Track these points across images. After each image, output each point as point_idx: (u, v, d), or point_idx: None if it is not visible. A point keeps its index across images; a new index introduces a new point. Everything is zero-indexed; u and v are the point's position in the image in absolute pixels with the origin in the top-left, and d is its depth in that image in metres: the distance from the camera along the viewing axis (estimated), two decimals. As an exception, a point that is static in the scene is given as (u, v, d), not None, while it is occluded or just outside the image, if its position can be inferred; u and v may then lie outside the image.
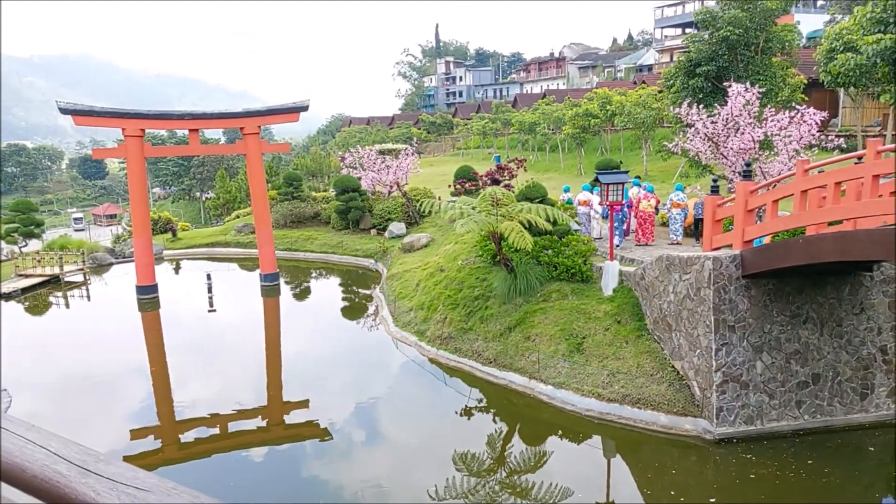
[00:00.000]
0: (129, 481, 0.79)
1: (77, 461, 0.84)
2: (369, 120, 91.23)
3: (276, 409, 14.98)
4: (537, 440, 12.88)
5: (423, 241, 25.99)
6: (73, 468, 0.83)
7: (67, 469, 0.83)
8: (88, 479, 0.80)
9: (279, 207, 33.25)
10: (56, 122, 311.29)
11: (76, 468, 0.83)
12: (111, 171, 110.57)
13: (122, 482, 0.79)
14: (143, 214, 23.94)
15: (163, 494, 0.76)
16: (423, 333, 17.66)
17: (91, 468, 0.83)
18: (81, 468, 0.83)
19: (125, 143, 23.24)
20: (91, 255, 31.57)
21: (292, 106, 24.63)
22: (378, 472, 11.85)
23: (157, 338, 20.59)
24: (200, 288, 25.43)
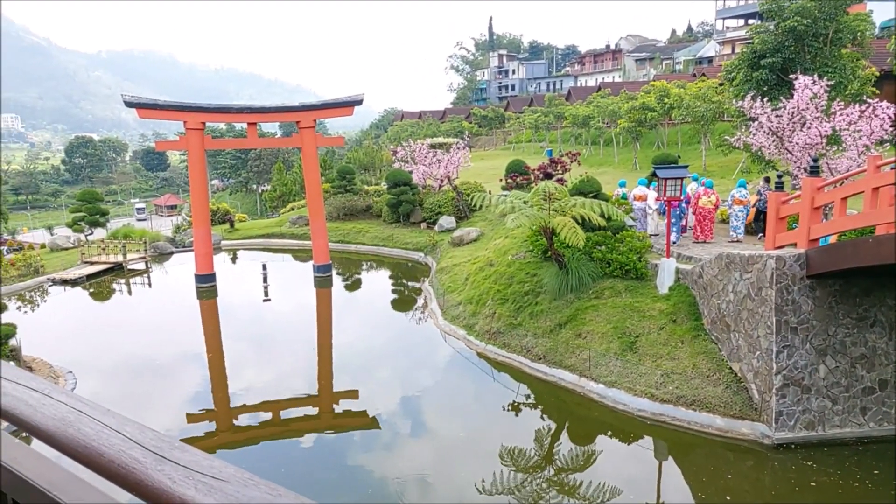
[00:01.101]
0: (204, 469, 0.78)
1: (152, 447, 0.84)
2: (421, 114, 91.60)
3: (327, 398, 15.22)
4: (586, 439, 12.70)
5: (472, 235, 25.93)
6: (149, 454, 0.82)
7: (143, 455, 0.82)
8: (164, 466, 0.80)
9: (332, 200, 33.75)
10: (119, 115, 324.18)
11: (151, 454, 0.82)
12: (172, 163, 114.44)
13: (197, 470, 0.78)
14: (203, 205, 24.66)
15: (240, 485, 0.74)
16: (472, 328, 17.64)
17: (166, 455, 0.82)
18: (157, 454, 0.82)
19: (187, 135, 23.98)
20: (153, 244, 32.77)
21: (347, 100, 24.92)
22: (423, 464, 11.91)
23: (214, 325, 21.23)
24: (256, 277, 26.06)
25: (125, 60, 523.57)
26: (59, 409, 0.96)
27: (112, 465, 0.82)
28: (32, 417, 0.96)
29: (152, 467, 0.80)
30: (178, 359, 18.10)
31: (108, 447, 0.85)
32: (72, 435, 0.89)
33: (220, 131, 79.74)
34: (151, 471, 0.79)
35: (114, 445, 0.85)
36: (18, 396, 1.02)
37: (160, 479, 0.78)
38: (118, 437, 0.87)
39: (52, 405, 0.98)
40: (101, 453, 0.85)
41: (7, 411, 1.00)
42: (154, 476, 0.79)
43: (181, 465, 0.80)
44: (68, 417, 0.94)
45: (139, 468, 0.80)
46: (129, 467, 0.81)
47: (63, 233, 40.93)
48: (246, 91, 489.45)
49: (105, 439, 0.87)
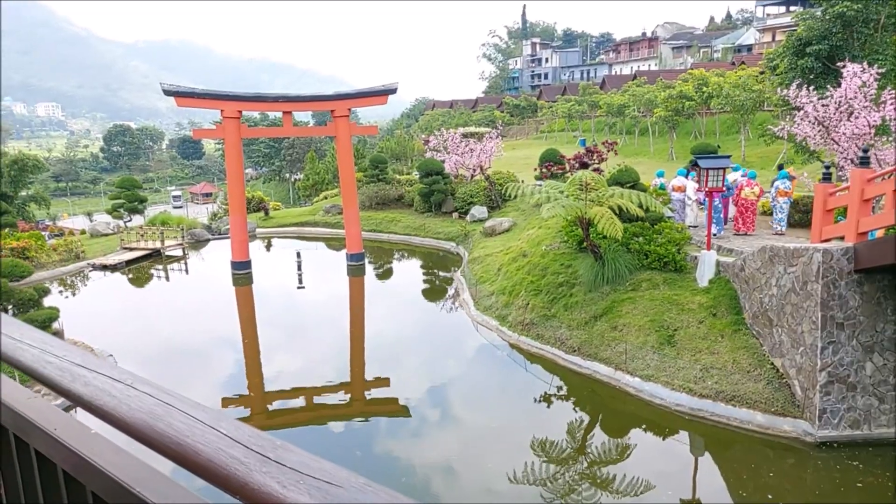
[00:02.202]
0: (315, 473, 0.71)
1: (254, 446, 0.77)
2: (452, 103, 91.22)
3: (358, 385, 15.31)
4: (620, 432, 12.53)
5: (505, 225, 25.75)
6: (251, 454, 0.76)
7: (245, 455, 0.75)
8: (269, 467, 0.73)
9: (365, 189, 33.84)
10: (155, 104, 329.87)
11: (254, 454, 0.76)
12: (207, 152, 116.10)
13: (308, 474, 0.72)
14: (238, 193, 24.94)
15: (356, 492, 0.67)
16: (505, 318, 17.53)
17: (270, 455, 0.75)
18: (260, 454, 0.75)
19: (223, 124, 24.23)
20: (189, 231, 33.31)
21: (381, 89, 24.88)
22: (451, 452, 11.91)
23: (250, 311, 21.51)
24: (290, 265, 26.30)
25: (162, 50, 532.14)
26: (145, 401, 0.91)
27: (211, 465, 0.76)
28: (118, 410, 0.91)
29: (256, 469, 0.73)
30: (213, 343, 18.40)
31: (204, 445, 0.79)
32: (162, 430, 0.84)
33: (255, 120, 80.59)
34: (256, 473, 0.73)
35: (210, 443, 0.79)
36: (101, 387, 0.97)
37: (267, 483, 0.71)
38: (214, 433, 0.81)
39: (138, 397, 0.92)
40: (197, 451, 0.78)
41: (91, 403, 0.95)
42: (259, 479, 0.72)
43: (288, 466, 0.73)
44: (156, 411, 0.88)
45: (242, 470, 0.74)
46: (231, 468, 0.74)
47: (102, 219, 41.85)
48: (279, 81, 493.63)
49: (200, 436, 0.81)
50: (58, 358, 1.08)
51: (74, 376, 1.01)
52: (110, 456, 1.04)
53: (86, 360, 1.07)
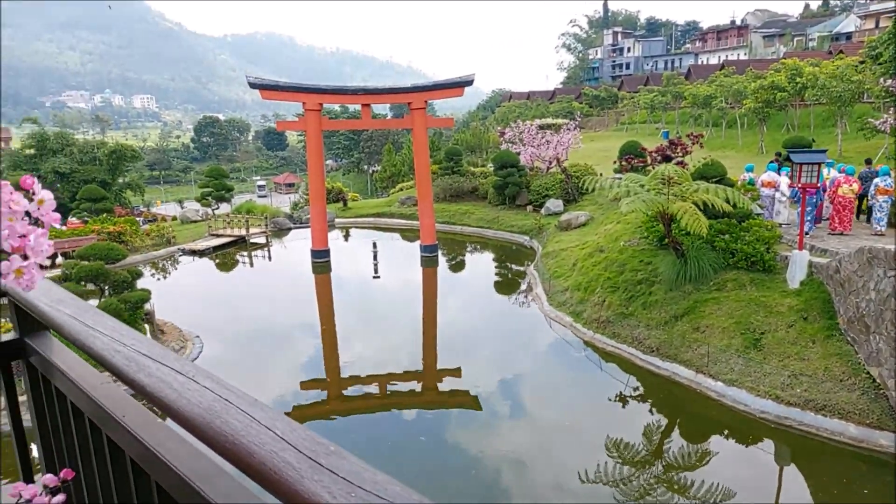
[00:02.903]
0: (367, 485, 0.67)
1: (306, 451, 0.74)
2: (529, 94, 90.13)
3: (430, 375, 15.43)
4: (700, 437, 12.05)
5: (581, 219, 25.23)
6: (304, 460, 0.72)
7: (297, 460, 0.72)
8: (321, 476, 0.69)
9: (439, 181, 34.00)
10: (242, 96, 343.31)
11: (307, 460, 0.72)
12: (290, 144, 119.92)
13: (359, 485, 0.67)
14: (319, 184, 25.61)
15: (408, 509, 0.62)
16: (579, 315, 17.19)
17: (323, 461, 0.71)
18: (312, 460, 0.72)
19: (305, 116, 24.91)
20: (272, 219, 34.54)
21: (458, 80, 24.85)
22: (521, 447, 11.80)
23: (328, 299, 22.10)
24: (367, 255, 26.81)
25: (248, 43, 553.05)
26: (205, 395, 0.89)
27: (264, 468, 0.73)
28: (177, 403, 0.89)
29: (308, 476, 0.69)
30: (293, 328, 19.04)
31: (258, 446, 0.76)
32: (219, 427, 0.81)
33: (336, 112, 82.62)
34: (307, 480, 0.69)
35: (265, 445, 0.76)
36: (163, 379, 0.96)
37: (317, 492, 0.67)
38: (269, 434, 0.78)
39: (198, 391, 0.91)
40: (251, 452, 0.75)
41: (153, 394, 0.95)
42: (310, 487, 0.68)
43: (340, 475, 0.69)
44: (215, 407, 0.86)
45: (293, 476, 0.70)
46: (283, 473, 0.71)
47: (192, 206, 44.07)
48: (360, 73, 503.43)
49: (255, 436, 0.78)
50: (126, 347, 1.09)
51: (140, 366, 1.02)
52: (174, 448, 1.04)
53: (152, 350, 1.08)
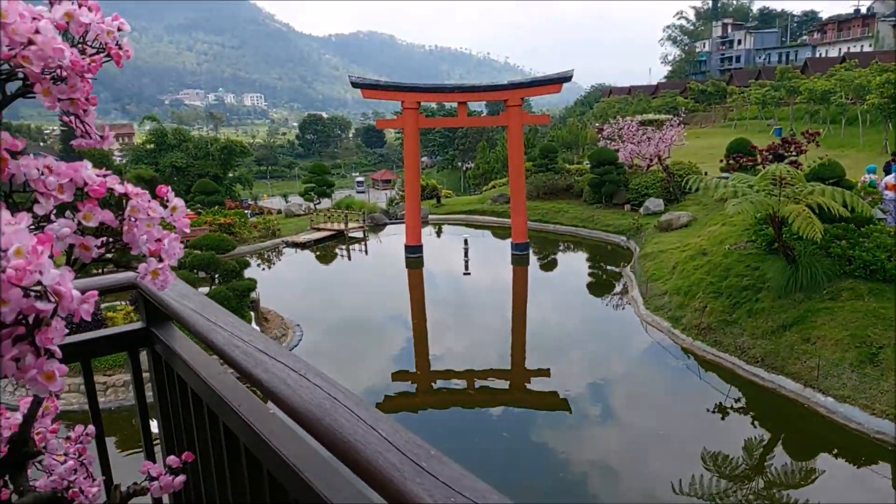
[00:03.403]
0: (466, 491, 0.70)
1: (409, 453, 0.77)
2: (630, 89, 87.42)
3: (519, 373, 15.38)
4: (806, 455, 11.29)
5: (683, 219, 24.24)
6: (407, 462, 0.76)
7: (401, 462, 0.76)
8: (423, 479, 0.72)
9: (533, 179, 33.69)
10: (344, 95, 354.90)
11: (410, 462, 0.76)
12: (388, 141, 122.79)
13: (459, 491, 0.70)
14: (414, 181, 26.11)
15: (507, 520, 0.64)
16: (678, 320, 16.54)
17: (424, 465, 0.75)
18: (415, 464, 0.75)
19: (403, 114, 25.43)
20: (369, 215, 35.55)
21: (555, 77, 24.52)
22: (610, 453, 11.53)
23: (420, 293, 22.51)
24: (458, 251, 27.06)
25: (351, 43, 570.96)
26: (315, 393, 0.95)
27: (370, 468, 0.77)
28: (291, 399, 0.96)
29: (410, 478, 0.73)
30: (386, 320, 19.57)
31: (364, 445, 0.81)
32: (328, 425, 0.87)
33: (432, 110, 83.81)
34: (410, 483, 0.73)
35: (370, 444, 0.80)
36: (278, 374, 1.04)
37: (419, 494, 0.71)
38: (374, 434, 0.82)
39: (309, 388, 0.97)
40: (357, 451, 0.80)
41: (269, 389, 1.02)
42: (412, 489, 0.72)
43: (441, 480, 0.72)
44: (324, 404, 0.92)
45: (397, 477, 0.74)
46: (387, 473, 0.75)
47: (296, 201, 46.09)
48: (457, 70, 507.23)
49: (361, 436, 0.83)
50: (244, 342, 1.19)
51: (257, 361, 1.10)
52: (284, 438, 1.12)
53: (268, 346, 1.16)
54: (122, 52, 1.17)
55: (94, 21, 1.11)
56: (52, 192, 0.90)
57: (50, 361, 0.74)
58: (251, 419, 1.21)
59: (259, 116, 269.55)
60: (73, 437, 1.39)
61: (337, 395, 0.94)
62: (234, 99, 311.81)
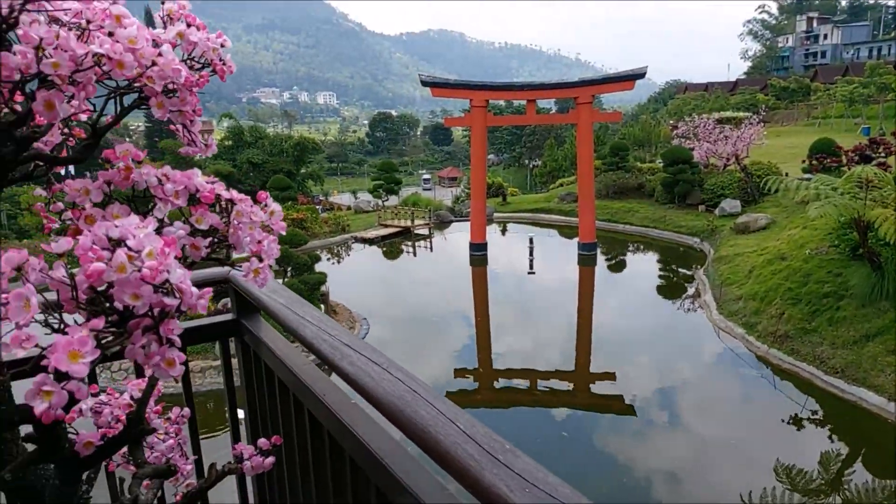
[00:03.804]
0: (540, 484, 0.75)
1: (486, 446, 0.84)
2: (707, 86, 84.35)
3: (583, 375, 15.21)
4: (888, 472, 10.68)
5: (760, 222, 23.27)
6: (484, 454, 0.82)
7: (478, 454, 0.82)
8: (499, 470, 0.78)
9: (602, 177, 33.11)
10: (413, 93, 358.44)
11: (486, 454, 0.82)
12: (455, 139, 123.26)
13: (533, 483, 0.75)
14: (480, 179, 26.16)
15: (580, 512, 0.69)
16: (753, 327, 15.92)
17: (500, 457, 0.81)
18: (492, 455, 0.81)
19: (471, 112, 25.51)
20: (435, 212, 35.87)
21: (628, 74, 23.99)
22: (675, 460, 11.25)
23: (483, 291, 22.58)
24: (522, 250, 26.94)
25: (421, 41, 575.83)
26: (397, 386, 1.03)
27: (448, 457, 0.84)
28: (375, 390, 1.04)
29: (488, 469, 0.79)
30: (449, 316, 19.73)
31: (444, 437, 0.87)
32: (410, 416, 0.94)
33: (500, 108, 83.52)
34: (487, 472, 0.79)
35: (449, 436, 0.87)
36: (362, 367, 1.12)
37: (496, 484, 0.77)
38: (453, 427, 0.89)
39: (391, 381, 1.05)
40: (438, 441, 0.87)
41: (355, 381, 1.10)
42: (489, 478, 0.78)
43: (516, 472, 0.78)
44: (405, 397, 0.99)
45: (475, 467, 0.80)
46: (466, 463, 0.81)
47: (365, 197, 46.98)
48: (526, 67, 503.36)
49: (441, 428, 0.90)
50: (330, 336, 1.28)
51: (343, 355, 1.19)
52: (365, 426, 1.21)
53: (352, 340, 1.25)
54: (226, 68, 1.29)
55: (202, 39, 1.23)
56: (170, 197, 1.01)
57: (171, 350, 0.85)
58: (335, 408, 1.30)
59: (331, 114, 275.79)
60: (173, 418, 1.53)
61: (417, 389, 1.01)
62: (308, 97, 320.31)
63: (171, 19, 1.29)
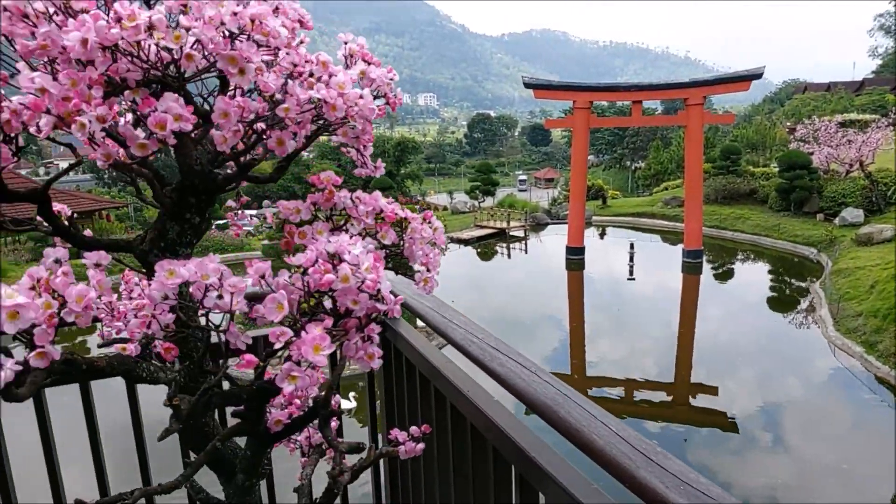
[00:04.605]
0: (693, 483, 0.85)
1: (639, 447, 0.94)
2: (829, 86, 78.53)
3: (682, 388, 14.70)
4: None
5: (886, 233, 21.51)
6: (636, 453, 0.93)
7: (631, 452, 0.93)
8: (653, 468, 0.89)
9: (711, 182, 31.70)
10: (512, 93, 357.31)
11: (639, 454, 0.92)
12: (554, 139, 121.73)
13: (686, 482, 0.85)
14: (580, 182, 25.80)
15: (733, 511, 0.79)
16: (873, 346, 14.78)
17: (652, 457, 0.91)
18: (644, 455, 0.92)
19: (573, 114, 25.21)
20: (531, 214, 35.71)
21: (744, 74, 22.84)
22: (779, 483, 10.66)
23: (578, 296, 22.29)
24: (622, 255, 26.31)
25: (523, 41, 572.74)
26: (548, 389, 1.16)
27: (604, 454, 0.96)
28: (526, 391, 1.18)
29: (642, 466, 0.90)
30: (542, 320, 19.64)
31: (598, 436, 0.99)
32: (563, 416, 1.07)
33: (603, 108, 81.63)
34: (642, 470, 0.90)
35: (603, 436, 0.99)
36: (514, 370, 1.26)
37: (651, 480, 0.87)
38: (605, 428, 1.01)
39: (542, 384, 1.18)
40: (592, 441, 0.99)
41: (506, 382, 1.25)
42: (644, 475, 0.89)
43: (670, 472, 0.88)
44: (557, 399, 1.12)
45: (629, 464, 0.91)
46: (621, 461, 0.93)
47: (460, 198, 47.49)
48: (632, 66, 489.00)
49: (594, 428, 1.02)
50: (478, 339, 1.43)
51: (492, 357, 1.33)
52: (508, 420, 1.34)
53: (499, 344, 1.39)
54: (396, 100, 1.48)
55: (380, 76, 1.42)
56: (362, 217, 1.20)
57: (371, 346, 1.02)
58: (477, 402, 1.45)
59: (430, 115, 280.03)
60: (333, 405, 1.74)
61: (567, 393, 1.13)
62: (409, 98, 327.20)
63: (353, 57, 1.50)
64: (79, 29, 0.89)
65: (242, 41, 0.98)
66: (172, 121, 0.92)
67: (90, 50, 0.90)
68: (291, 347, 0.90)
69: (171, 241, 1.25)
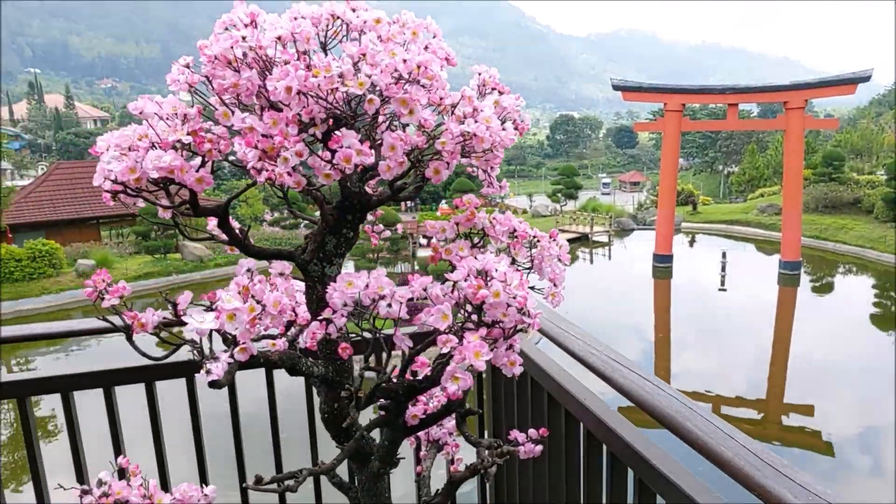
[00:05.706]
0: (819, 493, 0.92)
1: (765, 459, 1.02)
2: (950, 87, 72.33)
3: (775, 406, 14.07)
4: None
5: None
6: (763, 464, 1.00)
7: (758, 464, 1.00)
8: (780, 479, 0.96)
9: (811, 189, 30.01)
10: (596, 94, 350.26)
11: (766, 465, 1.00)
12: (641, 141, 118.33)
13: (815, 493, 0.92)
14: (670, 186, 25.05)
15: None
16: None
17: (779, 468, 0.98)
18: (771, 466, 0.99)
19: (664, 117, 24.49)
20: (616, 219, 34.96)
21: (850, 77, 21.51)
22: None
23: (665, 305, 21.67)
24: (712, 265, 25.33)
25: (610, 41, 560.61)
26: (672, 402, 1.24)
27: (731, 464, 1.04)
28: (651, 402, 1.26)
29: (771, 477, 0.97)
30: (624, 328, 19.21)
31: (724, 448, 1.07)
32: (689, 427, 1.15)
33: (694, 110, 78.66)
34: (770, 480, 0.97)
35: (730, 448, 1.07)
36: (637, 382, 1.35)
37: (779, 490, 0.95)
38: (731, 441, 1.09)
39: (666, 397, 1.27)
40: (720, 451, 1.07)
41: (629, 393, 1.34)
42: (772, 484, 0.96)
43: (798, 483, 0.96)
44: (682, 411, 1.20)
45: (757, 475, 0.99)
46: (748, 470, 1.00)
47: (541, 201, 47.11)
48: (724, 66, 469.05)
49: (721, 440, 1.10)
50: (598, 352, 1.52)
51: (613, 369, 1.43)
52: (621, 424, 1.43)
53: (619, 357, 1.48)
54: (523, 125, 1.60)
55: (510, 104, 1.55)
56: (499, 235, 1.33)
57: (513, 354, 1.15)
58: (592, 407, 1.55)
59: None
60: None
61: (692, 406, 1.22)
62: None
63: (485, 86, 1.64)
64: (283, 77, 1.07)
65: (412, 85, 1.13)
66: (356, 155, 1.08)
67: (291, 95, 1.07)
68: (455, 352, 1.03)
69: (329, 252, 1.43)
